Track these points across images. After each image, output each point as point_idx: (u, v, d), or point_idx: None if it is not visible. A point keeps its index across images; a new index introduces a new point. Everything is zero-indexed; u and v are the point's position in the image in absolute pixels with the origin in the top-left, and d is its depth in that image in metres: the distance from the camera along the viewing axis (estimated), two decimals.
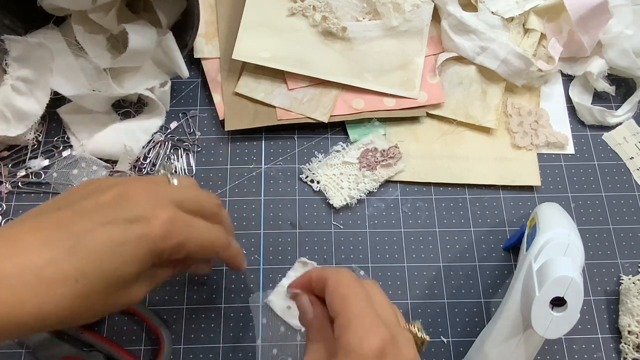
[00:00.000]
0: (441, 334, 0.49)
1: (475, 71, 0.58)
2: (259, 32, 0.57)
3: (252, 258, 0.51)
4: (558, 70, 0.60)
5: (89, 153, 0.53)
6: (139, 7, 0.57)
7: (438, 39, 0.60)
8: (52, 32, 0.54)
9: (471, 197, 0.54)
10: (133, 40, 0.51)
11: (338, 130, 0.57)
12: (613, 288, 0.51)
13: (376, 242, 0.52)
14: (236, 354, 0.48)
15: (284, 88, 0.56)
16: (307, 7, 0.58)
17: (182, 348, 0.48)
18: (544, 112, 0.58)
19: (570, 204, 0.54)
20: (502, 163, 0.56)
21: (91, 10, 0.52)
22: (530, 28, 0.59)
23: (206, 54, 0.59)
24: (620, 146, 0.57)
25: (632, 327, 0.48)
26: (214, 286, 0.50)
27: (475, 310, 0.50)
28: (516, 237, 0.50)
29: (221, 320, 0.49)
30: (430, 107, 0.57)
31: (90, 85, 0.54)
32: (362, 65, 0.57)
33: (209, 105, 0.58)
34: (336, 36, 0.58)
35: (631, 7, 0.58)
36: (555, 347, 0.49)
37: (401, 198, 0.54)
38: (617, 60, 0.57)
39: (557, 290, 0.37)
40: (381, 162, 0.54)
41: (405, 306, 0.50)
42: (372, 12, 0.59)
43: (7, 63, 0.51)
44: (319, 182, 0.54)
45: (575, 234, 0.43)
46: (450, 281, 0.51)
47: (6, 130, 0.51)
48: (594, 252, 0.53)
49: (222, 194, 0.54)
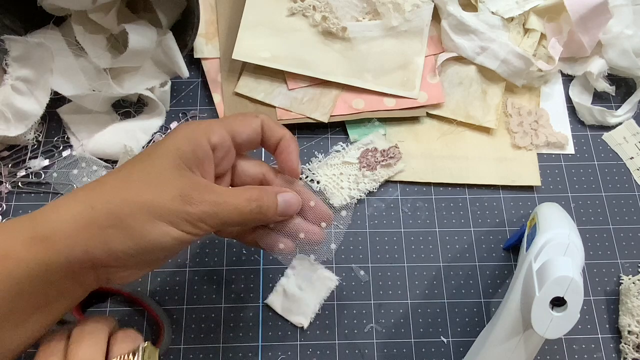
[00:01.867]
0: (441, 334, 0.49)
1: (475, 71, 0.58)
2: (259, 32, 0.57)
3: (252, 258, 0.51)
4: (558, 70, 0.60)
5: (89, 153, 0.53)
6: (139, 7, 0.57)
7: (438, 39, 0.60)
8: (52, 32, 0.54)
9: (471, 197, 0.54)
10: (133, 40, 0.51)
11: (338, 130, 0.57)
12: (613, 288, 0.51)
13: (376, 242, 0.52)
14: (236, 353, 0.48)
15: (284, 88, 0.56)
16: (307, 7, 0.58)
17: (182, 348, 0.48)
18: (544, 112, 0.58)
19: (570, 204, 0.54)
20: (502, 163, 0.56)
21: (91, 10, 0.52)
22: (530, 28, 0.59)
23: (206, 54, 0.59)
24: (620, 146, 0.57)
25: (632, 327, 0.48)
26: (214, 286, 0.50)
27: (475, 310, 0.50)
28: (516, 237, 0.50)
29: (221, 320, 0.49)
30: (430, 107, 0.57)
31: (90, 85, 0.54)
32: (362, 65, 0.57)
33: (209, 105, 0.58)
34: (336, 36, 0.58)
35: (631, 7, 0.58)
36: (555, 347, 0.49)
37: (401, 198, 0.54)
38: (617, 60, 0.57)
39: (557, 290, 0.37)
40: (381, 162, 0.54)
41: (405, 306, 0.50)
42: (372, 12, 0.59)
43: (7, 63, 0.51)
44: (319, 182, 0.54)
45: (575, 234, 0.43)
46: (450, 281, 0.51)
47: (6, 130, 0.51)
48: (594, 252, 0.53)
49: None
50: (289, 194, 0.36)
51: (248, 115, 0.36)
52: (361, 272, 0.51)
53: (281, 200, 0.36)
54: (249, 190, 0.34)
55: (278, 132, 0.37)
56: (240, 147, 0.37)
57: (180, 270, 0.50)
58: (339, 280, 0.50)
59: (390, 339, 0.49)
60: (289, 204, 0.36)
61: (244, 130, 0.35)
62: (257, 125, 0.36)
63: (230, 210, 0.32)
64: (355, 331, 0.49)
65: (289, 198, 0.36)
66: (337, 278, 0.50)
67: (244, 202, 0.33)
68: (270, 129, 0.37)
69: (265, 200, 0.34)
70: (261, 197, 0.34)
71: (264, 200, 0.34)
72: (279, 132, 0.37)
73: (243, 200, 0.33)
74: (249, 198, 0.33)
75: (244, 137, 0.36)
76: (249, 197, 0.33)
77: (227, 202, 0.32)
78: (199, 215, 0.31)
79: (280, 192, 0.36)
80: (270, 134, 0.37)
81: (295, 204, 0.37)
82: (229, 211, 0.32)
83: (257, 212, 0.34)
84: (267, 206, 0.34)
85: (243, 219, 0.33)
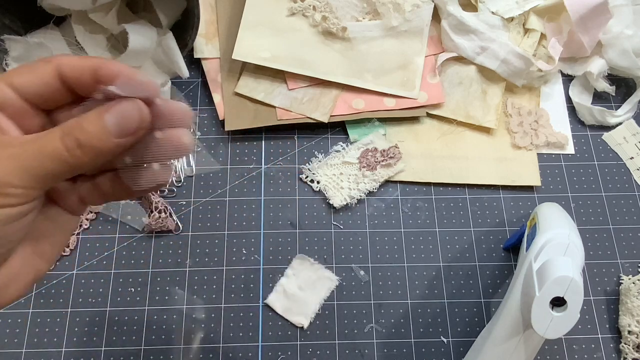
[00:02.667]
0: (441, 334, 0.49)
1: (475, 71, 0.58)
2: (259, 32, 0.57)
3: (252, 258, 0.51)
4: (558, 70, 0.60)
5: None
6: (139, 7, 0.57)
7: (438, 39, 0.60)
8: (52, 32, 0.54)
9: (471, 197, 0.54)
10: (133, 40, 0.51)
11: (338, 130, 0.57)
12: (613, 288, 0.51)
13: (376, 242, 0.52)
14: (236, 353, 0.48)
15: (284, 88, 0.56)
16: (307, 7, 0.58)
17: (182, 348, 0.48)
18: (544, 112, 0.58)
19: (570, 204, 0.54)
20: (502, 163, 0.56)
21: (91, 10, 0.52)
22: (530, 28, 0.59)
23: (206, 54, 0.59)
24: (620, 146, 0.57)
25: (632, 327, 0.48)
26: (213, 286, 0.50)
27: (475, 310, 0.50)
28: (516, 237, 0.50)
29: (221, 320, 0.49)
30: (430, 107, 0.57)
31: None
32: (362, 65, 0.57)
33: (209, 105, 0.58)
34: (336, 36, 0.58)
35: (631, 7, 0.58)
36: (555, 347, 0.49)
37: (401, 198, 0.54)
38: (617, 60, 0.57)
39: (557, 290, 0.37)
40: (381, 162, 0.54)
41: (405, 306, 0.50)
42: (372, 12, 0.59)
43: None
44: (319, 182, 0.54)
45: (575, 234, 0.43)
46: (450, 281, 0.51)
47: None
48: (594, 252, 0.53)
49: (222, 194, 0.54)
50: (120, 106, 0.25)
51: (37, 62, 0.26)
52: (361, 272, 0.51)
53: (110, 120, 0.24)
54: (61, 126, 0.24)
55: (88, 66, 0.26)
56: (38, 105, 0.27)
57: (180, 270, 0.50)
58: (339, 280, 0.50)
59: (390, 339, 0.49)
60: (125, 119, 0.25)
61: (25, 80, 0.26)
62: (47, 72, 0.26)
63: (41, 159, 0.24)
64: (355, 331, 0.49)
65: (122, 110, 0.25)
66: (337, 278, 0.50)
67: (54, 142, 0.24)
68: (75, 67, 0.26)
69: (85, 129, 0.24)
70: (77, 127, 0.24)
71: (82, 129, 0.24)
72: (89, 65, 0.26)
73: (53, 140, 0.24)
74: (60, 135, 0.24)
75: (28, 90, 0.26)
76: (61, 133, 0.24)
77: (30, 149, 0.24)
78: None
79: (107, 109, 0.25)
80: (79, 74, 0.27)
81: (135, 115, 0.25)
82: (39, 160, 0.24)
83: (77, 147, 0.24)
84: (91, 136, 0.24)
85: (66, 164, 0.24)
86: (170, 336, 0.48)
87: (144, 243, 0.51)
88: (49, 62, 0.26)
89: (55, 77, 0.26)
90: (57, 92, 0.27)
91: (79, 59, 0.26)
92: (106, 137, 0.24)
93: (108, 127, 0.24)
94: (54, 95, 0.27)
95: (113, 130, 0.25)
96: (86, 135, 0.24)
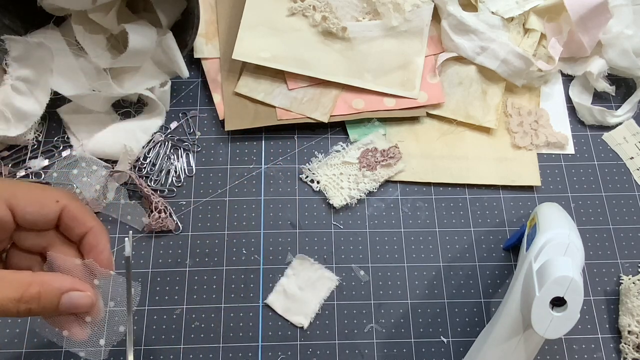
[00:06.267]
0: (441, 334, 0.49)
1: (475, 71, 0.58)
2: (259, 32, 0.57)
3: (252, 258, 0.51)
4: (558, 70, 0.60)
5: (89, 153, 0.53)
6: (139, 7, 0.57)
7: (438, 39, 0.60)
8: (52, 32, 0.54)
9: (471, 197, 0.54)
10: (133, 40, 0.51)
11: (338, 130, 0.57)
12: (613, 288, 0.51)
13: (376, 242, 0.52)
14: (236, 353, 0.48)
15: (284, 88, 0.56)
16: (307, 7, 0.58)
17: (182, 348, 0.48)
18: (544, 112, 0.58)
19: (570, 204, 0.54)
20: (502, 163, 0.56)
21: (91, 10, 0.52)
22: (530, 28, 0.59)
23: (206, 54, 0.59)
24: (620, 146, 0.57)
25: (632, 327, 0.48)
26: (213, 286, 0.50)
27: (475, 310, 0.50)
28: (516, 237, 0.50)
29: (221, 319, 0.49)
30: (430, 107, 0.57)
31: (90, 85, 0.54)
32: (362, 65, 0.57)
33: (209, 105, 0.58)
34: (336, 36, 0.58)
35: (631, 7, 0.58)
36: (555, 347, 0.49)
37: (401, 198, 0.54)
38: (617, 60, 0.57)
39: (557, 290, 0.37)
40: (381, 162, 0.54)
41: (405, 306, 0.50)
42: (372, 12, 0.59)
43: (7, 63, 0.51)
44: (319, 182, 0.54)
45: (575, 234, 0.43)
46: (450, 281, 0.51)
47: (6, 130, 0.51)
48: (594, 252, 0.53)
49: (222, 194, 0.54)
50: (76, 294, 0.30)
51: (48, 195, 0.31)
52: (361, 272, 0.51)
53: (66, 301, 0.30)
54: (25, 284, 0.28)
55: (84, 225, 0.31)
56: (23, 225, 0.31)
57: (180, 270, 0.50)
58: (339, 280, 0.50)
59: (390, 339, 0.49)
60: (74, 306, 0.30)
61: (31, 210, 0.30)
62: (52, 211, 0.30)
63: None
64: (355, 331, 0.49)
65: (76, 299, 0.30)
66: (337, 278, 0.50)
67: (11, 300, 0.27)
68: (75, 219, 0.31)
69: (42, 300, 0.29)
70: (37, 297, 0.28)
71: (40, 301, 0.28)
72: (85, 225, 0.31)
73: (12, 297, 0.27)
74: (19, 298, 0.27)
75: (28, 218, 0.30)
76: (21, 296, 0.27)
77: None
78: None
79: (67, 289, 0.30)
80: (74, 225, 0.31)
81: (84, 305, 0.31)
82: None
83: (27, 312, 0.28)
84: (43, 307, 0.29)
85: (11, 314, 0.28)
86: (170, 336, 0.48)
87: (143, 243, 0.51)
88: (58, 202, 0.30)
89: (52, 220, 0.31)
90: (45, 227, 0.31)
91: (83, 215, 0.31)
92: (52, 310, 0.30)
93: (60, 305, 0.30)
94: (39, 227, 0.31)
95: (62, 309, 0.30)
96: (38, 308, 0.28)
